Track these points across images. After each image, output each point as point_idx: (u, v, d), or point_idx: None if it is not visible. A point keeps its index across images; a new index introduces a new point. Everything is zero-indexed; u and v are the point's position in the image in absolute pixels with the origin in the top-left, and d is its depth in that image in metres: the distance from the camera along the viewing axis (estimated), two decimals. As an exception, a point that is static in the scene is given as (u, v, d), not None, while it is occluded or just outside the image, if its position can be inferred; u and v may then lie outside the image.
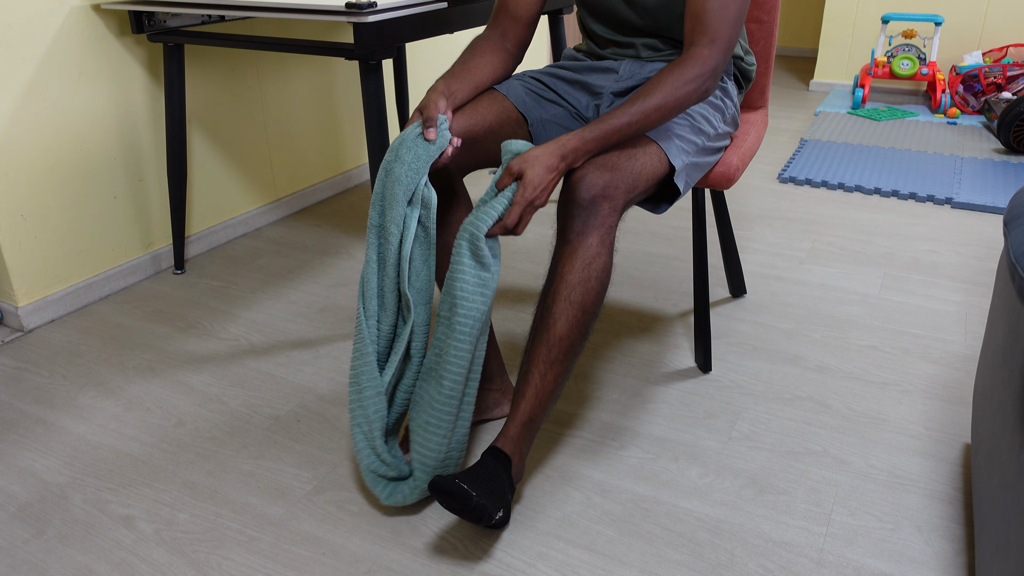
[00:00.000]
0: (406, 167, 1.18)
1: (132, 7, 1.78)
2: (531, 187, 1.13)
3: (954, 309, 1.86)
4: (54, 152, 1.85)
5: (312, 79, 2.52)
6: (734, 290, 1.92)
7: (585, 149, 1.16)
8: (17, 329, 1.87)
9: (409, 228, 1.19)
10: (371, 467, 1.25)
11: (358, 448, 1.25)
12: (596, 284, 1.16)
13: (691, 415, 1.49)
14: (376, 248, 1.24)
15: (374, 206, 1.23)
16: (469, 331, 1.16)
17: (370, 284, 1.24)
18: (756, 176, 2.78)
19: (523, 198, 1.13)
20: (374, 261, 1.24)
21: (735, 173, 1.44)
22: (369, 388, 1.23)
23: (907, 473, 1.34)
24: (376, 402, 1.23)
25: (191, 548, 1.21)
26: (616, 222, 1.18)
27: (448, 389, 1.18)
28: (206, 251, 2.28)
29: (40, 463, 1.41)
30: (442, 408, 1.19)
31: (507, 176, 1.15)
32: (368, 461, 1.25)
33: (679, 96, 1.19)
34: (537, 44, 3.71)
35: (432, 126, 1.20)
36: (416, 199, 1.19)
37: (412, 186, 1.18)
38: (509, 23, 1.37)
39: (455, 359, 1.17)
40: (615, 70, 1.43)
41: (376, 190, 1.23)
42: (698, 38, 1.21)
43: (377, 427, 1.24)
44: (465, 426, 1.24)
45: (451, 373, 1.17)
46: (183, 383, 1.64)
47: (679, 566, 1.16)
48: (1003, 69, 3.35)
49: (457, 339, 1.16)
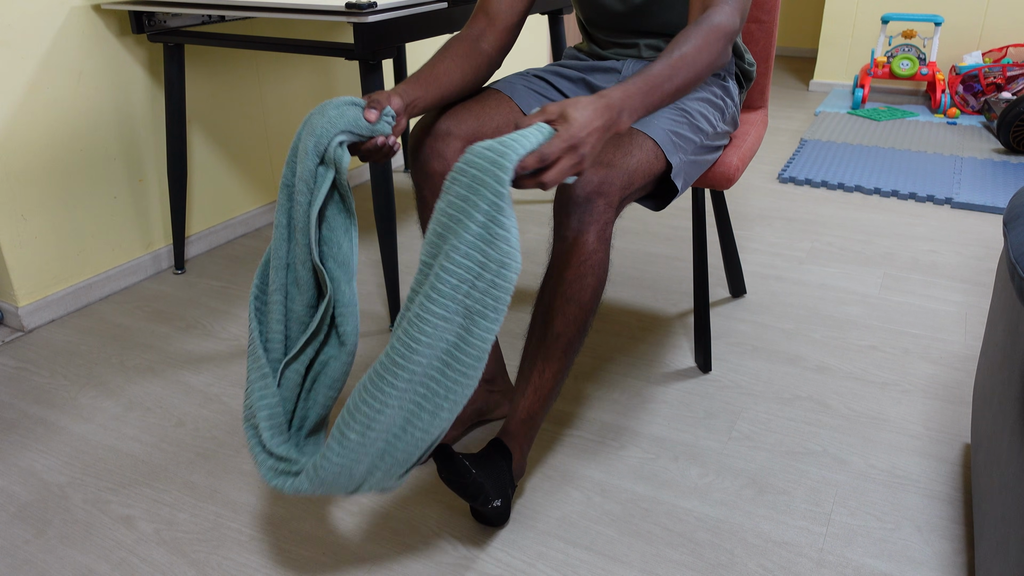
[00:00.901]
0: (326, 120, 1.03)
1: (132, 7, 1.79)
2: (577, 125, 0.94)
3: (954, 309, 1.86)
4: (54, 152, 1.85)
5: (312, 79, 2.52)
6: (734, 290, 1.92)
7: (630, 102, 1.01)
8: (17, 329, 1.87)
9: (320, 187, 1.03)
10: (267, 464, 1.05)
11: (250, 446, 1.07)
12: (593, 281, 1.16)
13: (691, 415, 1.50)
14: (286, 210, 1.06)
15: (288, 163, 1.07)
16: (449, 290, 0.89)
17: (278, 252, 1.06)
18: (756, 176, 2.78)
19: (569, 135, 0.93)
20: (284, 226, 1.07)
21: (735, 173, 1.44)
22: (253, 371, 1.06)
23: (907, 473, 1.34)
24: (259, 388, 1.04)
25: (191, 548, 1.21)
26: (612, 218, 1.17)
27: (398, 354, 0.91)
28: (206, 251, 2.28)
29: (40, 463, 1.41)
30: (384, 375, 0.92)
31: (538, 115, 0.96)
32: (261, 459, 1.05)
33: (709, 50, 1.09)
34: (537, 44, 3.71)
35: (376, 108, 1.08)
36: (328, 158, 1.03)
37: (325, 140, 1.03)
38: (485, 24, 1.30)
39: (418, 320, 0.90)
40: (617, 70, 1.43)
41: (292, 144, 1.08)
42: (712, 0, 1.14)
43: (262, 416, 1.04)
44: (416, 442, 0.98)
45: (407, 336, 0.90)
46: (183, 383, 1.64)
47: (679, 566, 1.16)
48: (1003, 69, 3.35)
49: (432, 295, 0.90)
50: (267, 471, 1.04)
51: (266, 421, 1.04)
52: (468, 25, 1.31)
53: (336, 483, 0.99)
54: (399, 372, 0.91)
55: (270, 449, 1.04)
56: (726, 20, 1.11)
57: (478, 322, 0.92)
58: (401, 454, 0.98)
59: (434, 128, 1.27)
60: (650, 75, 1.04)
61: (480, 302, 0.91)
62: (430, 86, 1.20)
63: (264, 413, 1.04)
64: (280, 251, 1.06)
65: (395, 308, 1.79)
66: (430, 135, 1.27)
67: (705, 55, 1.08)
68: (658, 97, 1.05)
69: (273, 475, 1.03)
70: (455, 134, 1.26)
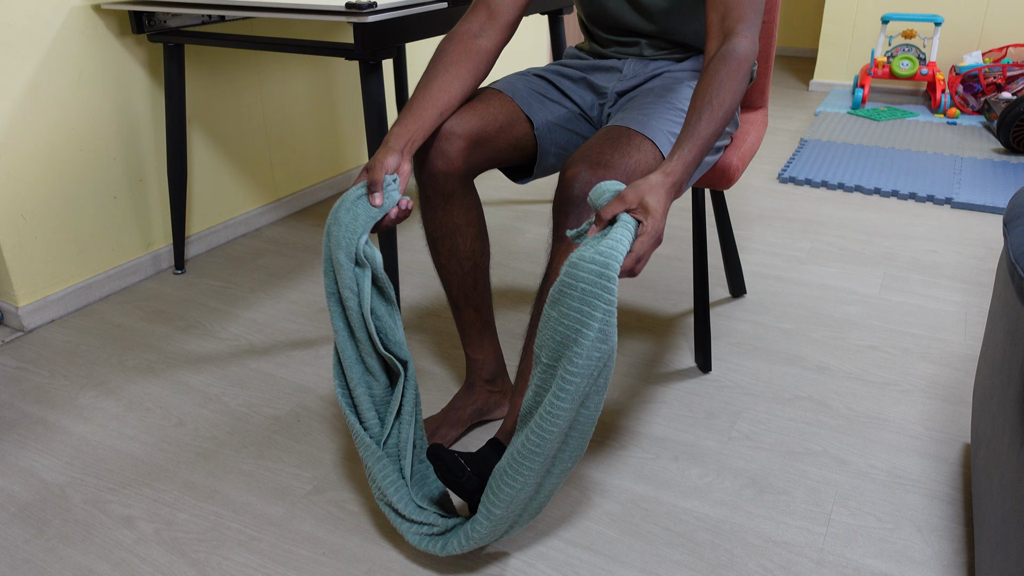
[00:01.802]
0: (344, 229, 1.11)
1: (132, 7, 1.79)
2: (658, 215, 0.98)
3: (954, 309, 1.86)
4: (54, 152, 1.85)
5: (312, 79, 2.52)
6: (734, 290, 1.92)
7: (687, 171, 1.04)
8: (17, 329, 1.87)
9: (363, 289, 1.12)
10: (411, 531, 1.17)
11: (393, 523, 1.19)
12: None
13: (691, 415, 1.49)
14: (340, 315, 1.17)
15: (327, 273, 1.17)
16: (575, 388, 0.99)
17: (346, 352, 1.17)
18: (756, 176, 2.78)
19: (655, 229, 0.98)
20: (343, 329, 1.17)
21: (735, 173, 1.44)
22: (369, 459, 1.18)
23: (907, 473, 1.34)
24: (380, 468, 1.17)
25: (191, 548, 1.21)
26: None
27: (533, 444, 1.02)
28: (206, 251, 2.28)
29: (40, 463, 1.41)
30: (523, 461, 1.04)
31: (618, 204, 0.99)
32: (404, 528, 1.18)
33: (741, 88, 1.11)
34: (537, 44, 3.71)
35: (377, 191, 1.13)
36: (361, 260, 1.12)
37: (352, 247, 1.11)
38: (486, 18, 1.28)
39: (550, 416, 1.00)
40: (619, 69, 1.43)
41: (324, 255, 1.17)
42: (733, 26, 1.15)
43: (391, 492, 1.17)
44: (549, 490, 1.11)
45: (541, 430, 1.01)
46: (183, 383, 1.64)
47: (679, 566, 1.16)
48: (1003, 69, 3.35)
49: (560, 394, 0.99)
50: (415, 537, 1.16)
51: (396, 494, 1.17)
52: (466, 19, 1.29)
53: (486, 539, 1.12)
54: (535, 458, 1.02)
55: (412, 519, 1.16)
56: (749, 49, 1.13)
57: (593, 398, 1.03)
58: (536, 507, 1.12)
59: (439, 128, 1.27)
60: (699, 137, 1.06)
61: (597, 389, 1.02)
62: (426, 113, 1.21)
63: (394, 494, 1.17)
64: (348, 351, 1.17)
65: (395, 308, 1.79)
66: (434, 135, 1.26)
67: (738, 95, 1.11)
68: (706, 154, 1.08)
69: (421, 539, 1.16)
70: (459, 133, 1.26)
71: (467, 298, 1.39)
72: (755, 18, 1.16)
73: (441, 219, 1.31)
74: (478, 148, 1.29)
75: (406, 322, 1.85)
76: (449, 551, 1.12)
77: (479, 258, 1.37)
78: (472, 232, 1.34)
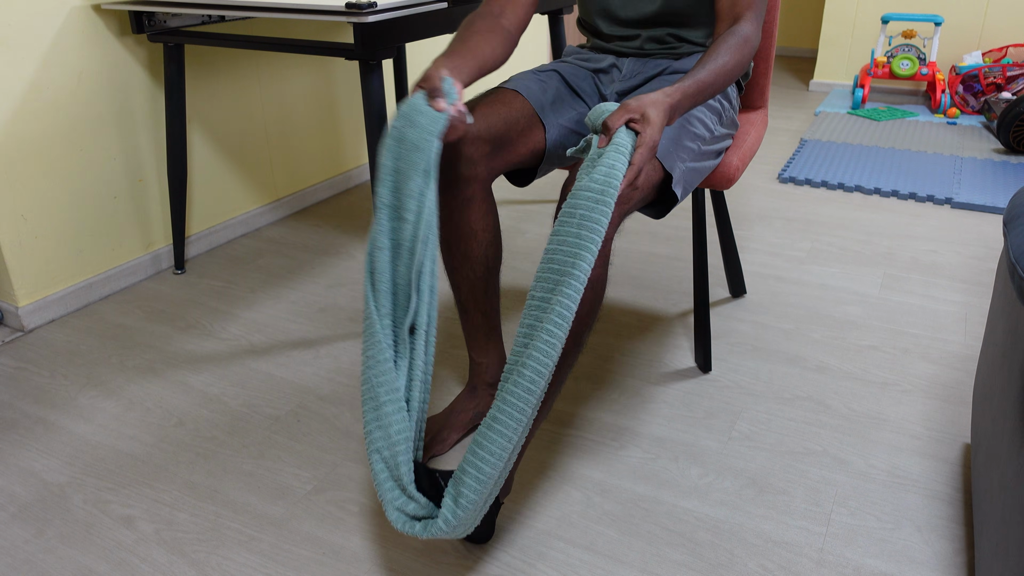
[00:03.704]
0: (422, 131, 1.03)
1: (132, 7, 1.79)
2: (655, 127, 1.05)
3: (954, 309, 1.86)
4: (54, 152, 1.85)
5: (312, 79, 2.52)
6: (734, 290, 1.92)
7: (684, 102, 1.13)
8: (17, 329, 1.87)
9: (426, 205, 1.03)
10: (396, 504, 1.03)
11: (378, 480, 1.04)
12: (590, 293, 1.14)
13: (691, 415, 1.49)
14: (389, 232, 1.06)
15: (383, 182, 1.06)
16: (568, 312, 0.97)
17: (382, 276, 1.06)
18: (756, 176, 2.78)
19: (652, 139, 1.05)
20: (387, 248, 1.05)
21: (735, 173, 1.44)
22: (389, 403, 1.03)
23: (907, 473, 1.34)
24: (399, 420, 1.03)
25: (191, 548, 1.21)
26: (612, 234, 1.17)
27: (529, 380, 0.97)
28: (206, 251, 2.28)
29: (40, 463, 1.41)
30: (517, 403, 0.97)
31: (622, 113, 1.05)
32: (391, 496, 1.03)
33: (741, 61, 1.22)
34: (537, 44, 3.71)
35: (439, 95, 1.09)
36: (432, 170, 1.04)
37: (430, 152, 1.04)
38: (506, 1, 1.31)
39: (546, 344, 0.96)
40: (619, 68, 1.43)
41: (384, 163, 1.06)
42: (742, 12, 1.27)
43: (402, 450, 1.03)
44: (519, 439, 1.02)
45: (536, 361, 0.96)
46: (183, 383, 1.64)
47: (679, 566, 1.16)
48: (1003, 69, 3.35)
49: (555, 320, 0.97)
50: (396, 514, 1.02)
51: (400, 435, 1.04)
52: (486, 2, 1.31)
53: (473, 509, 0.99)
54: (530, 397, 0.97)
55: (407, 491, 1.03)
56: (753, 33, 1.26)
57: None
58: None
59: (458, 135, 1.24)
60: (699, 80, 1.15)
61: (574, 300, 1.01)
62: (467, 57, 1.19)
63: (398, 434, 1.04)
64: (384, 273, 1.06)
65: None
66: (459, 139, 1.23)
67: (739, 68, 1.23)
68: (701, 99, 1.18)
69: (400, 518, 1.02)
70: (484, 138, 1.24)
71: (476, 303, 1.37)
72: (760, 4, 1.29)
73: (457, 223, 1.29)
74: (498, 152, 1.27)
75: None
76: (432, 533, 1.00)
77: (492, 263, 1.35)
78: (487, 238, 1.32)
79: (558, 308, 0.97)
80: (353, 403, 1.55)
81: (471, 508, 0.98)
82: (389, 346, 1.06)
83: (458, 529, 1.00)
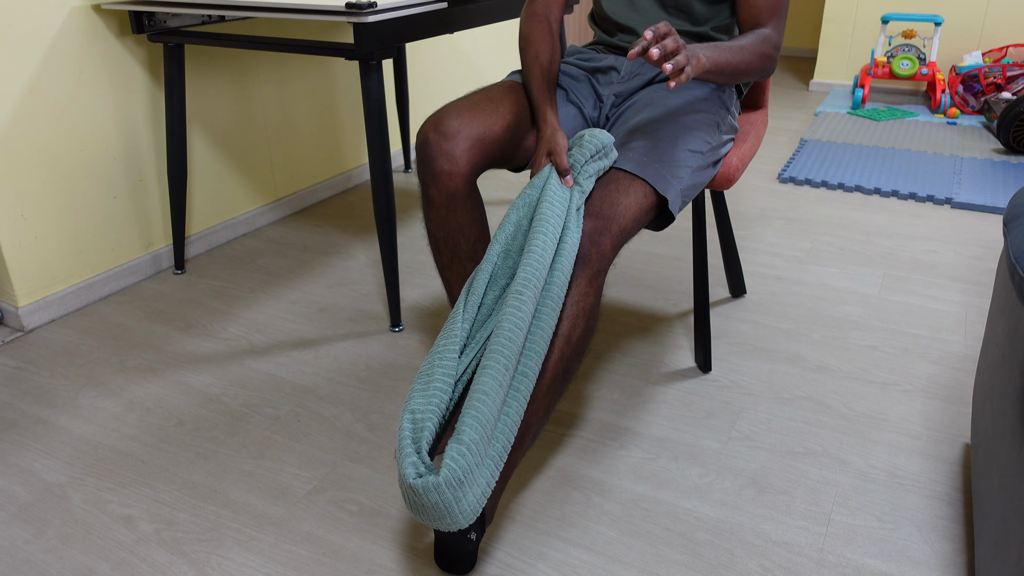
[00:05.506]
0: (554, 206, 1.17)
1: (132, 7, 1.79)
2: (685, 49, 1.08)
3: (954, 309, 1.86)
4: (54, 152, 1.85)
5: (312, 79, 2.52)
6: (734, 290, 1.92)
7: (706, 57, 1.15)
8: (17, 329, 1.87)
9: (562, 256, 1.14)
10: (410, 459, 1.04)
11: (401, 435, 1.06)
12: (583, 322, 1.14)
13: (691, 415, 1.50)
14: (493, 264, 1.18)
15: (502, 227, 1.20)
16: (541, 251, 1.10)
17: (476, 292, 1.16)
18: (756, 176, 2.78)
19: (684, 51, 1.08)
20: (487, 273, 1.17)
21: (735, 173, 1.44)
22: (440, 380, 1.09)
23: (907, 473, 1.34)
24: (442, 393, 1.08)
25: (191, 548, 1.21)
26: (606, 267, 1.17)
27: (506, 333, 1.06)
28: (206, 251, 2.28)
29: (40, 463, 1.41)
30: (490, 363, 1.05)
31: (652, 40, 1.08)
32: (409, 451, 1.04)
33: (760, 64, 1.29)
34: (537, 44, 3.71)
35: (569, 174, 1.21)
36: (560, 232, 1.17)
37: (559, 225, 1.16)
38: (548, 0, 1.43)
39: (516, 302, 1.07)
40: (616, 69, 1.43)
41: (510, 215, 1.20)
42: (765, 20, 1.34)
43: (432, 419, 1.06)
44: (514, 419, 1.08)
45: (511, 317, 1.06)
46: (183, 383, 1.64)
47: (679, 566, 1.16)
48: (1003, 69, 3.35)
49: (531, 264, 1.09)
50: (410, 468, 1.02)
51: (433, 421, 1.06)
52: (531, 1, 1.43)
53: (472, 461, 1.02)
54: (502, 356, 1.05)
55: (421, 454, 1.03)
56: (775, 35, 1.33)
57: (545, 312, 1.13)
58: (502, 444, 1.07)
59: (443, 127, 1.25)
60: (719, 55, 1.20)
61: (548, 303, 1.13)
62: (549, 84, 1.36)
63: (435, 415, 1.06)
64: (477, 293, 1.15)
65: (395, 308, 1.79)
66: (439, 134, 1.25)
67: (758, 58, 1.28)
68: (722, 60, 1.20)
69: (414, 476, 1.02)
70: (464, 134, 1.25)
71: None
72: (782, 15, 1.35)
73: (444, 219, 1.30)
74: (483, 148, 1.28)
75: (405, 321, 1.85)
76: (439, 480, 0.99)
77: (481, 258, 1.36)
78: (475, 233, 1.33)
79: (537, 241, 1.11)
80: (353, 403, 1.55)
81: (472, 446, 1.01)
82: (461, 342, 1.13)
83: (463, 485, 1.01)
